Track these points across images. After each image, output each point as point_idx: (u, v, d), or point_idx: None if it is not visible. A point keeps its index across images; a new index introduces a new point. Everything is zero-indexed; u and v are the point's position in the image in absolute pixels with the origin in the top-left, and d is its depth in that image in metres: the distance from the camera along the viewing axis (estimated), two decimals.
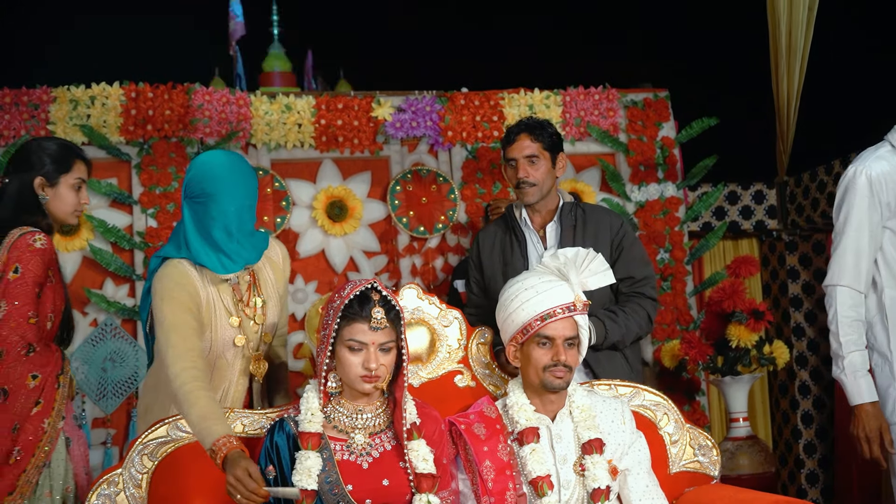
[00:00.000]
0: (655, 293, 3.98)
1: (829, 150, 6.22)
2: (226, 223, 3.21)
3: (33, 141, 3.64)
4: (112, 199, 5.51)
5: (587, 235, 3.90)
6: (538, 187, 3.91)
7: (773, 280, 6.77)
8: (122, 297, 5.44)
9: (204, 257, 3.22)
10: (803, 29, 5.95)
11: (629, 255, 3.94)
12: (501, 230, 4.08)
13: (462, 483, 3.15)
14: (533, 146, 3.91)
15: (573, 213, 3.96)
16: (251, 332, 3.37)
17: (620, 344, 3.84)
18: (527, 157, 3.90)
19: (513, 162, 3.93)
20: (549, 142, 3.95)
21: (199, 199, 3.22)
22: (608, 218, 4.00)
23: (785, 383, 6.65)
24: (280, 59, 8.62)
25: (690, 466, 3.50)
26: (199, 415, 2.87)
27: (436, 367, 3.46)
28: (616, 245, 3.93)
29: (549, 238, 3.96)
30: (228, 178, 3.23)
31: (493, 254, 4.04)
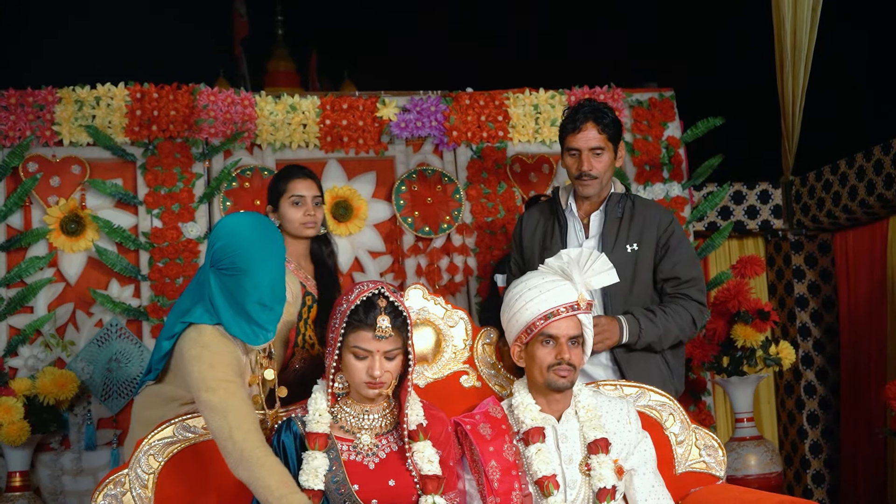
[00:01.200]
0: (703, 297, 3.82)
1: (835, 150, 6.22)
2: (260, 297, 3.07)
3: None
4: (117, 200, 5.51)
5: (632, 230, 3.82)
6: (599, 180, 3.79)
7: (779, 280, 6.76)
8: (128, 297, 5.43)
9: (236, 329, 3.08)
10: (808, 28, 5.95)
11: (676, 256, 3.81)
12: (545, 214, 4.00)
13: (468, 483, 3.14)
14: (599, 137, 3.76)
15: (621, 205, 3.86)
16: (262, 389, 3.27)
17: (657, 345, 3.74)
18: (592, 148, 3.75)
19: (575, 152, 3.77)
20: (613, 131, 3.80)
21: (230, 273, 3.07)
22: (657, 214, 3.88)
23: (791, 383, 6.64)
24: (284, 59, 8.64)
25: (696, 467, 3.50)
26: (279, 481, 2.77)
27: (441, 368, 3.46)
28: (662, 244, 3.82)
29: (592, 227, 3.89)
30: (261, 251, 3.09)
31: (534, 237, 3.98)
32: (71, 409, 5.25)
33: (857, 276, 6.34)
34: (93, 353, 5.34)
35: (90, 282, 5.42)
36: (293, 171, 4.05)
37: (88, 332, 5.38)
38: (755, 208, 6.58)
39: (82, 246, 5.40)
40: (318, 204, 3.99)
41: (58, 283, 5.39)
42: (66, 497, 5.21)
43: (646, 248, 3.81)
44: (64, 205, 5.39)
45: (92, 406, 5.31)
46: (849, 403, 6.34)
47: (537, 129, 5.99)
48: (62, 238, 5.37)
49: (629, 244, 3.81)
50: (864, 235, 6.27)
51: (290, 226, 3.94)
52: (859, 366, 6.23)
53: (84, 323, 5.39)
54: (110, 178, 5.52)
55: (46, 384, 4.96)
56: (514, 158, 5.98)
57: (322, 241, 4.06)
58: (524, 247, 4.02)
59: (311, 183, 3.99)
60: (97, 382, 5.30)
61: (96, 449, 5.28)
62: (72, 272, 5.40)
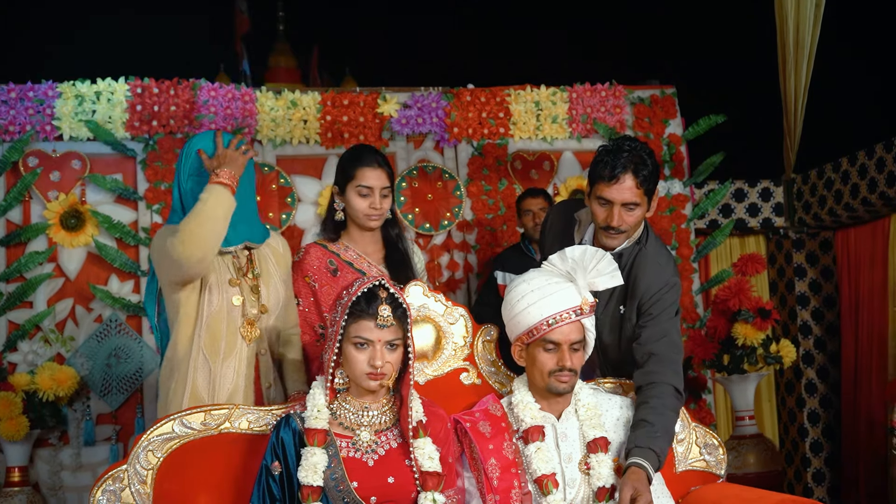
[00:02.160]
0: (680, 374, 3.34)
1: (838, 148, 6.21)
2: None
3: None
4: (117, 195, 5.51)
5: (626, 291, 3.49)
6: (627, 234, 3.43)
7: (780, 278, 6.75)
8: (127, 292, 5.43)
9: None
10: (811, 25, 5.93)
11: (659, 330, 3.38)
12: (567, 225, 3.68)
13: (467, 481, 3.14)
14: (636, 192, 3.34)
15: (622, 262, 3.46)
16: (247, 295, 3.46)
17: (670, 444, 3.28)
18: (626, 203, 3.35)
19: (605, 202, 3.36)
20: (651, 185, 3.38)
21: (199, 179, 3.41)
22: (650, 279, 3.46)
23: (791, 382, 6.63)
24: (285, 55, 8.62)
25: (697, 465, 3.49)
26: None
27: (441, 365, 3.45)
28: (645, 310, 3.44)
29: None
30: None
31: (554, 242, 3.64)
32: (70, 404, 5.24)
33: (858, 275, 6.34)
34: (92, 348, 5.33)
35: (90, 277, 5.42)
36: (364, 155, 3.74)
37: (88, 327, 5.38)
38: (756, 206, 6.57)
39: (82, 241, 5.40)
40: (387, 195, 3.72)
41: (57, 279, 5.39)
42: (65, 492, 5.20)
43: (630, 310, 3.49)
44: (64, 200, 5.38)
45: (91, 401, 5.31)
46: (850, 402, 6.33)
47: (538, 125, 5.98)
48: (62, 233, 5.37)
49: (620, 304, 3.52)
50: (866, 233, 6.26)
51: (353, 213, 3.71)
52: (860, 364, 6.23)
53: (83, 318, 5.39)
54: (110, 173, 5.51)
55: (45, 379, 4.96)
56: (515, 155, 5.98)
57: (391, 225, 3.83)
58: (547, 244, 3.75)
59: (382, 173, 3.69)
60: (96, 378, 5.30)
61: (95, 444, 5.28)
62: (71, 267, 5.40)
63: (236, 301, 3.44)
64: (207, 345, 3.41)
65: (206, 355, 3.40)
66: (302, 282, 3.66)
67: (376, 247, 3.82)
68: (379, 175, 3.70)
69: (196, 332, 3.41)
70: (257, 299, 3.50)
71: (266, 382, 3.52)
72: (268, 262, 3.59)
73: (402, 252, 3.84)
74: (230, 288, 3.44)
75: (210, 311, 3.41)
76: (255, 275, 3.52)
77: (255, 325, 3.48)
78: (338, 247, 3.75)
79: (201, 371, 3.40)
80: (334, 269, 3.68)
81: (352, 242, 3.76)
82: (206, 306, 3.41)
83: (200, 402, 3.35)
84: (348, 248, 3.74)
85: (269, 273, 3.57)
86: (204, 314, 3.42)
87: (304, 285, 3.65)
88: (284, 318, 3.63)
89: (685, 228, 6.06)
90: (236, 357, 3.44)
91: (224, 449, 3.13)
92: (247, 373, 3.45)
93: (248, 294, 3.48)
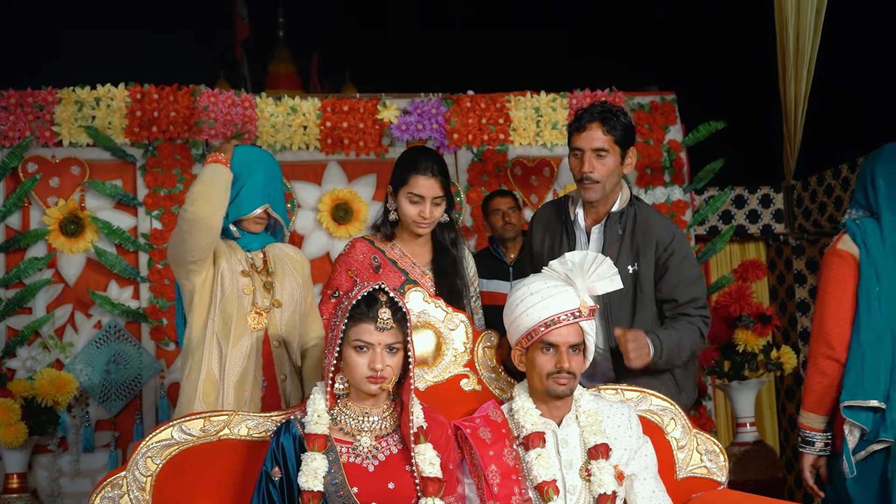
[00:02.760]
0: (705, 310, 3.69)
1: (837, 154, 6.21)
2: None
3: None
4: (117, 201, 5.50)
5: (633, 249, 3.69)
6: (601, 185, 3.64)
7: (780, 284, 6.74)
8: (127, 299, 5.42)
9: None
10: (811, 32, 5.92)
11: (675, 277, 3.66)
12: (554, 221, 3.87)
13: (467, 488, 3.13)
14: (603, 138, 3.61)
15: (622, 222, 3.71)
16: (259, 288, 3.53)
17: (676, 358, 3.59)
18: (595, 149, 3.60)
19: (578, 152, 3.64)
20: (622, 134, 3.64)
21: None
22: (658, 232, 3.69)
23: (792, 388, 6.62)
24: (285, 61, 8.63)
25: (698, 472, 3.48)
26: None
27: (442, 371, 3.44)
28: (662, 263, 3.66)
29: (593, 244, 3.76)
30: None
31: (543, 239, 3.86)
32: (69, 410, 5.23)
33: None
34: (91, 354, 5.33)
35: (89, 283, 5.42)
36: (420, 163, 3.69)
37: (87, 333, 5.37)
38: (757, 212, 6.57)
39: (81, 247, 5.39)
40: (439, 204, 3.68)
41: (56, 284, 5.38)
42: (64, 499, 5.20)
43: (645, 268, 3.68)
44: (63, 205, 5.38)
45: (90, 408, 5.30)
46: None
47: (538, 132, 5.97)
48: (61, 239, 5.37)
49: (630, 264, 3.68)
50: None
51: (403, 218, 3.71)
52: None
53: (83, 324, 5.38)
54: (110, 179, 5.51)
55: (44, 385, 4.94)
56: (515, 161, 5.97)
57: (445, 228, 3.79)
58: (534, 244, 3.91)
59: (435, 182, 3.65)
60: (95, 384, 5.29)
61: (94, 451, 5.27)
62: (71, 273, 5.39)
63: (247, 290, 3.50)
64: (220, 328, 3.47)
65: (220, 339, 3.47)
66: (345, 275, 3.68)
67: (424, 248, 3.80)
68: (432, 185, 3.66)
69: (210, 316, 3.48)
70: (270, 294, 3.56)
71: (281, 375, 3.56)
72: (284, 264, 3.65)
73: (452, 258, 3.79)
74: (242, 278, 3.51)
75: (223, 296, 3.48)
76: (269, 272, 3.59)
77: (263, 316, 3.52)
78: (384, 244, 3.76)
79: (215, 355, 3.46)
80: (377, 265, 3.69)
81: (400, 242, 3.77)
82: (219, 291, 3.48)
83: (214, 385, 3.42)
84: (395, 247, 3.76)
85: (285, 273, 3.63)
86: (217, 299, 3.48)
87: (347, 278, 3.66)
88: (304, 330, 3.69)
89: (685, 235, 6.06)
90: (247, 341, 3.49)
91: (223, 455, 3.12)
92: (255, 358, 3.50)
93: (260, 288, 3.54)
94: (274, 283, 3.59)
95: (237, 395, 3.45)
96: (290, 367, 3.61)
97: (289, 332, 3.61)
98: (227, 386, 3.45)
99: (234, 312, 3.48)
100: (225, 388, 3.45)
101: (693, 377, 3.88)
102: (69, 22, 7.51)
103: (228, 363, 3.46)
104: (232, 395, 3.44)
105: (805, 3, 5.84)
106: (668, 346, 3.53)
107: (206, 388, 3.43)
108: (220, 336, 3.47)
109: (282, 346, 3.59)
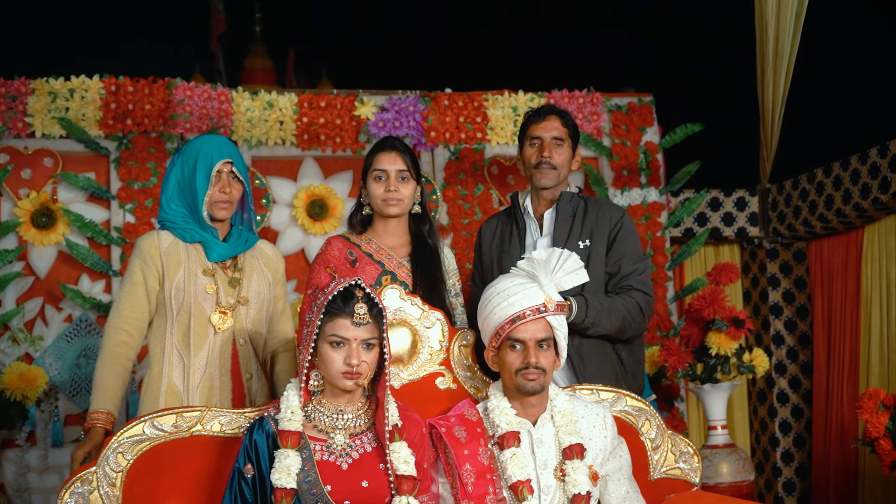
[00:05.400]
0: (646, 286, 3.83)
1: (813, 158, 6.24)
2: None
3: None
4: (90, 194, 5.45)
5: (585, 226, 3.84)
6: (558, 172, 3.86)
7: (754, 288, 6.77)
8: (98, 292, 5.37)
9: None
10: (790, 36, 5.94)
11: (621, 249, 3.83)
12: (504, 219, 4.03)
13: (442, 487, 3.12)
14: (561, 129, 3.88)
15: (573, 203, 3.89)
16: (223, 286, 3.49)
17: (607, 322, 3.66)
18: (554, 138, 3.86)
19: (537, 140, 3.88)
20: (573, 130, 3.94)
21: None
22: (608, 211, 3.91)
23: (763, 391, 6.65)
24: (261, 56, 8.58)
25: (671, 473, 3.49)
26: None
27: (417, 369, 3.42)
28: (612, 238, 3.84)
29: (546, 225, 3.90)
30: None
31: (492, 243, 3.99)
32: (38, 405, 5.18)
33: (831, 285, 6.36)
34: (61, 348, 5.27)
35: (60, 276, 5.36)
36: (380, 142, 3.78)
37: (57, 327, 5.32)
38: (732, 215, 6.59)
39: (53, 240, 5.34)
40: (405, 179, 3.69)
41: (27, 277, 5.32)
42: (31, 494, 5.13)
43: (598, 244, 3.83)
44: (35, 197, 5.32)
45: (59, 402, 5.25)
46: (821, 412, 6.36)
47: (516, 131, 5.96)
48: (32, 231, 5.31)
49: (581, 240, 3.83)
50: (840, 244, 6.29)
51: (373, 202, 3.72)
52: (832, 374, 6.25)
53: (53, 318, 5.33)
54: (83, 171, 5.45)
55: (13, 379, 4.89)
56: (492, 160, 5.96)
57: (419, 220, 3.80)
58: (483, 253, 4.03)
59: (396, 156, 3.69)
60: (65, 379, 5.23)
61: (63, 446, 5.21)
62: (42, 266, 5.34)
63: (209, 290, 3.46)
64: (180, 340, 3.45)
65: (180, 350, 3.44)
66: (324, 272, 3.65)
67: (400, 241, 3.79)
68: (394, 158, 3.69)
69: (168, 329, 3.45)
70: (236, 291, 3.52)
71: (246, 373, 3.52)
72: (255, 260, 3.62)
73: (431, 249, 3.79)
74: (203, 277, 3.47)
75: (179, 308, 3.44)
76: (237, 268, 3.55)
77: (228, 315, 3.49)
78: (360, 239, 3.75)
79: (176, 367, 3.43)
80: (353, 259, 3.67)
81: (375, 236, 3.76)
82: (173, 305, 3.45)
83: (177, 396, 3.40)
84: (370, 241, 3.74)
85: (253, 269, 3.59)
86: (173, 312, 3.45)
87: (326, 275, 3.64)
88: (275, 330, 3.65)
89: (660, 237, 6.07)
90: (207, 348, 3.45)
91: (195, 451, 3.09)
92: (220, 362, 3.47)
93: (225, 285, 3.50)
94: (241, 279, 3.55)
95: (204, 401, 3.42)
96: (256, 366, 3.58)
97: (255, 330, 3.58)
98: (190, 394, 3.42)
99: (190, 322, 3.45)
100: (189, 398, 3.42)
101: (640, 364, 3.96)
102: (44, 12, 7.44)
103: (191, 372, 3.43)
104: (198, 402, 3.41)
105: (785, 7, 5.86)
106: (594, 306, 3.63)
107: (168, 400, 3.40)
108: (181, 347, 3.45)
109: (248, 343, 3.55)
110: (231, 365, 3.49)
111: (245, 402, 3.50)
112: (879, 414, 4.79)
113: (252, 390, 3.54)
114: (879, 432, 4.75)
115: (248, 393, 3.53)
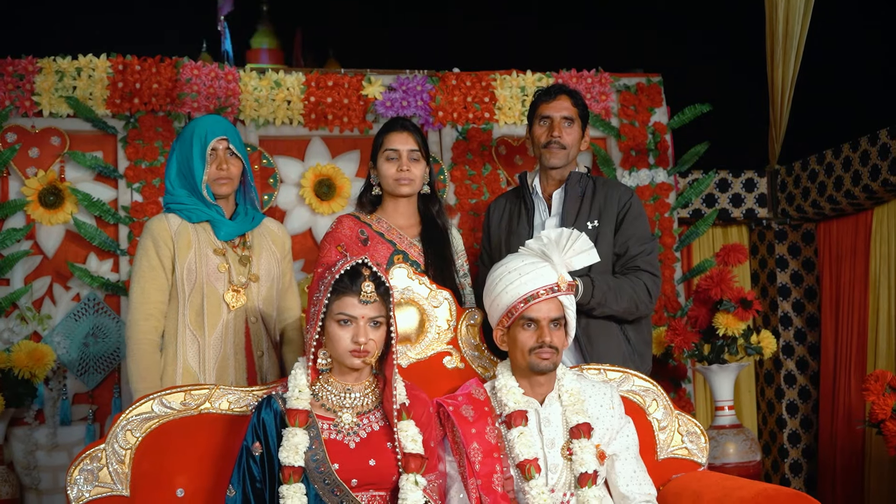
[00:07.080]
0: (654, 268, 3.86)
1: (822, 140, 6.21)
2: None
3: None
4: (97, 173, 5.44)
5: (594, 206, 3.86)
6: (567, 151, 3.87)
7: (762, 269, 6.76)
8: (106, 271, 5.37)
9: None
10: (800, 16, 5.90)
11: (629, 230, 3.85)
12: (512, 199, 4.03)
13: (449, 465, 3.13)
14: (572, 109, 3.88)
15: (582, 183, 3.90)
16: (234, 264, 3.53)
17: (613, 303, 3.71)
18: (564, 117, 3.85)
19: (547, 120, 3.87)
20: (583, 110, 3.94)
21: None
22: (617, 192, 3.93)
23: (771, 373, 6.64)
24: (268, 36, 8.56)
25: (678, 453, 3.49)
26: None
27: (425, 348, 3.43)
28: (620, 219, 3.86)
29: (554, 205, 3.92)
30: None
31: (500, 223, 4.00)
32: (46, 383, 5.19)
33: (839, 267, 6.35)
34: (69, 327, 5.28)
35: (68, 255, 5.36)
36: (391, 122, 3.88)
37: (66, 306, 5.32)
38: (740, 196, 6.57)
39: (61, 219, 5.34)
40: (416, 159, 3.77)
41: (35, 256, 5.32)
42: (40, 472, 5.15)
43: (606, 224, 3.85)
44: (42, 176, 5.32)
45: (68, 381, 5.26)
46: (828, 394, 6.35)
47: (524, 111, 5.94)
48: (40, 210, 5.31)
49: (590, 220, 3.85)
50: (849, 226, 6.27)
51: (384, 182, 3.77)
52: (840, 356, 6.25)
53: (61, 297, 5.33)
54: (90, 150, 5.45)
55: (22, 357, 4.90)
56: (500, 140, 5.94)
57: (428, 200, 3.86)
58: (491, 232, 4.06)
59: (408, 136, 3.77)
60: (73, 357, 5.25)
61: (71, 424, 5.23)
62: (49, 245, 5.34)
63: (221, 269, 3.49)
64: (193, 321, 3.47)
65: (193, 331, 3.46)
66: (335, 250, 3.68)
67: (411, 221, 3.83)
68: (405, 138, 3.76)
69: (180, 310, 3.48)
70: (246, 268, 3.55)
71: (258, 351, 3.54)
72: (263, 237, 3.66)
73: (440, 229, 3.85)
74: (214, 257, 3.50)
75: (191, 289, 3.47)
76: (245, 245, 3.59)
77: (241, 293, 3.52)
78: (370, 218, 3.78)
79: (190, 348, 3.45)
80: (365, 238, 3.70)
81: (385, 215, 3.78)
82: (185, 286, 3.48)
83: (193, 377, 3.44)
84: (381, 220, 3.77)
85: (262, 247, 3.63)
86: (186, 293, 3.48)
87: (337, 253, 3.66)
88: (283, 307, 3.68)
89: (668, 217, 6.06)
90: (221, 327, 3.48)
91: (204, 429, 3.11)
92: (234, 341, 3.51)
93: (236, 264, 3.53)
94: (251, 257, 3.58)
95: (220, 379, 3.45)
96: (267, 343, 3.60)
97: (266, 307, 3.60)
98: (206, 374, 3.45)
99: (203, 302, 3.48)
100: (205, 378, 3.45)
101: (647, 344, 3.99)
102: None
103: (208, 352, 3.45)
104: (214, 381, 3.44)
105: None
106: (601, 286, 3.66)
107: (185, 380, 3.44)
108: (194, 328, 3.48)
109: (259, 321, 3.58)
110: (245, 343, 3.51)
111: (257, 379, 3.52)
112: (886, 396, 4.78)
113: (263, 368, 3.57)
114: (886, 414, 4.74)
115: (260, 370, 3.55)
